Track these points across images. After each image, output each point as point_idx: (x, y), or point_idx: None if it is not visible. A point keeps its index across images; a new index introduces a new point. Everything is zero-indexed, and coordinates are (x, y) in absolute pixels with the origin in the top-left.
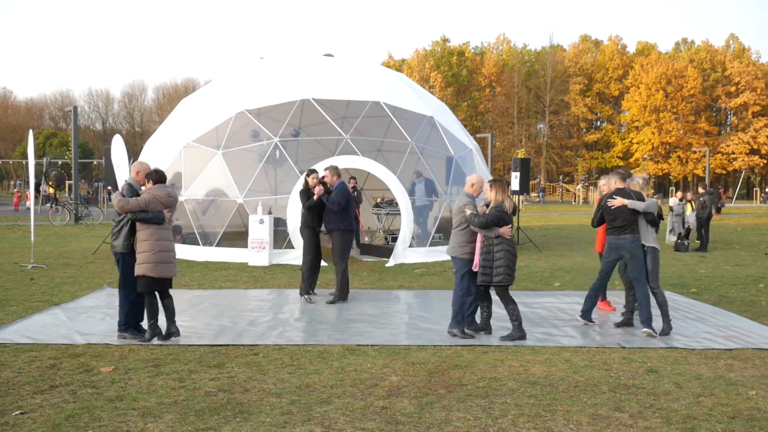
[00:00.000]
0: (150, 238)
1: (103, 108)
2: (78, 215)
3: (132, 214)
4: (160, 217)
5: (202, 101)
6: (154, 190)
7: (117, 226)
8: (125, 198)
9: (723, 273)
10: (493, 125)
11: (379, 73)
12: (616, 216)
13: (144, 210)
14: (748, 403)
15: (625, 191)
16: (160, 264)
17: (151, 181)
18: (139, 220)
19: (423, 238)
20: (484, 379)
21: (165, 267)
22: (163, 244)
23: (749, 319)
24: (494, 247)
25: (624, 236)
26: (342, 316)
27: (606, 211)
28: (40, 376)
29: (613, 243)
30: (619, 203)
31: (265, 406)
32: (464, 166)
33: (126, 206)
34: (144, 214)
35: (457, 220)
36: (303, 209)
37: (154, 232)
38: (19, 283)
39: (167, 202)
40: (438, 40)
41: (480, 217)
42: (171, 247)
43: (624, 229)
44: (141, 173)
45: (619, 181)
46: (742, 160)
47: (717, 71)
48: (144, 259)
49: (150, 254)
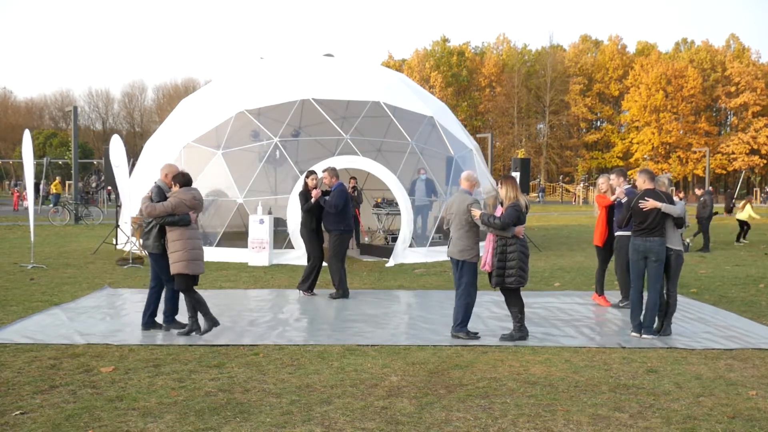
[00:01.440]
0: (181, 238)
1: (103, 108)
2: (78, 215)
3: (160, 218)
4: (186, 219)
5: (202, 101)
6: (180, 193)
7: (147, 227)
8: (152, 204)
9: (723, 273)
10: (493, 125)
11: (379, 73)
12: (645, 218)
13: (171, 214)
14: (748, 403)
15: (655, 192)
16: (193, 261)
17: (178, 184)
18: (167, 223)
19: (422, 238)
20: (484, 379)
21: (197, 264)
22: (194, 243)
23: (749, 319)
24: (508, 247)
25: (653, 239)
26: (342, 316)
27: (636, 212)
28: (40, 376)
29: (640, 245)
30: (651, 206)
31: (265, 406)
32: (464, 166)
33: (153, 212)
34: (171, 217)
35: (462, 220)
36: (302, 211)
37: (183, 232)
38: (19, 283)
39: (193, 204)
40: (438, 40)
41: (497, 218)
42: (200, 245)
43: (653, 231)
44: (169, 176)
45: (648, 180)
46: (742, 160)
47: (717, 71)
48: (178, 258)
49: (182, 253)
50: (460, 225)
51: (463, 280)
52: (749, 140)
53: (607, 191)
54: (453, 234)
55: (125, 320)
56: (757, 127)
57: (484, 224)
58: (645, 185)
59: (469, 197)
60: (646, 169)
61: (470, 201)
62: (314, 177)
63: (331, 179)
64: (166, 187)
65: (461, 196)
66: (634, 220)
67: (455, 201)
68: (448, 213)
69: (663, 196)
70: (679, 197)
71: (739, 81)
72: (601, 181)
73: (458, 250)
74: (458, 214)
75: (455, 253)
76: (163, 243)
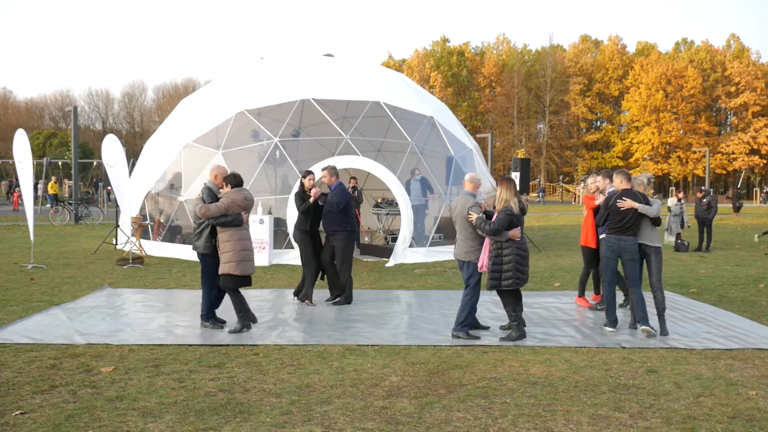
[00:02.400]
0: (231, 239)
1: (103, 108)
2: (78, 215)
3: (213, 219)
4: (239, 219)
5: (202, 101)
6: (233, 194)
7: (198, 228)
8: (206, 205)
9: (723, 273)
10: (493, 125)
11: (379, 73)
12: (622, 217)
13: (224, 214)
14: (748, 403)
15: (632, 192)
16: (243, 262)
17: (229, 185)
18: (220, 224)
19: (420, 238)
20: (484, 379)
21: (247, 265)
22: (244, 244)
23: (749, 319)
24: (503, 250)
25: (626, 237)
26: (342, 316)
27: (613, 211)
28: (40, 376)
29: (614, 243)
30: (629, 205)
31: (265, 406)
32: (464, 166)
33: (208, 213)
34: (224, 218)
35: (465, 222)
36: (298, 212)
37: (234, 233)
38: (19, 283)
39: (245, 205)
40: (438, 40)
41: (489, 224)
42: (251, 246)
43: (628, 230)
44: (219, 177)
45: (626, 181)
46: (742, 160)
47: (717, 71)
48: (228, 259)
49: (233, 254)
50: (464, 227)
51: (469, 281)
52: (749, 140)
53: (596, 192)
54: (458, 235)
55: (125, 320)
56: (757, 127)
57: (478, 229)
58: (622, 185)
59: (471, 200)
60: (622, 169)
61: (471, 204)
62: (311, 177)
63: (330, 178)
64: (216, 188)
65: (464, 199)
66: (611, 219)
67: (459, 203)
68: (452, 215)
69: (640, 196)
70: (678, 197)
71: (739, 81)
72: (590, 181)
73: (463, 251)
74: (461, 216)
75: (461, 254)
76: (214, 243)
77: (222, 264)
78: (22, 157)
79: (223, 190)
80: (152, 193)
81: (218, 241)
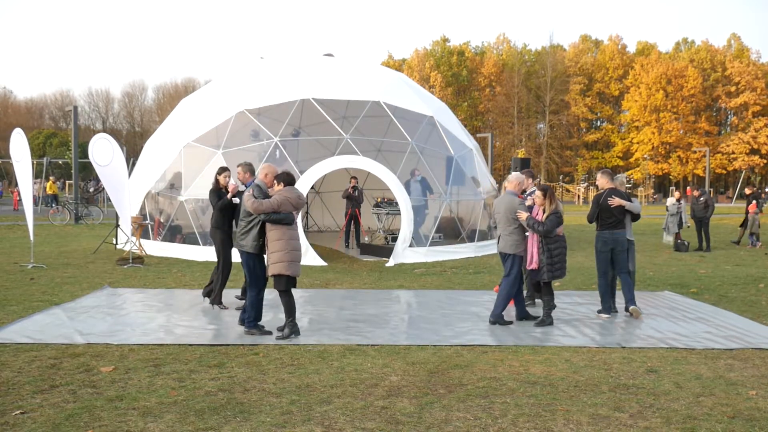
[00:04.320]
0: (282, 238)
1: (103, 108)
2: (78, 215)
3: (265, 215)
4: (290, 218)
5: (202, 101)
6: (285, 192)
7: (247, 226)
8: (258, 200)
9: (723, 273)
10: (493, 125)
11: (379, 73)
12: (612, 213)
13: (276, 211)
14: (748, 403)
15: (618, 191)
16: (294, 263)
17: (282, 183)
18: (271, 220)
19: (420, 238)
20: (484, 379)
21: (297, 265)
22: (295, 244)
23: (749, 319)
24: (551, 245)
25: (619, 231)
26: (342, 316)
27: (604, 208)
28: (40, 376)
29: (609, 238)
30: (618, 203)
31: (265, 406)
32: (464, 166)
33: (260, 207)
34: (276, 215)
35: (509, 219)
36: (214, 210)
37: (285, 232)
38: (19, 283)
39: (297, 203)
40: (438, 40)
41: (542, 224)
42: (299, 247)
43: (618, 225)
44: (269, 176)
45: (611, 181)
46: (742, 160)
47: (717, 71)
48: (278, 258)
49: (284, 253)
50: (509, 223)
51: (511, 272)
52: (749, 140)
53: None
54: (501, 231)
55: (125, 320)
56: (757, 126)
57: (529, 227)
58: (608, 185)
59: (516, 199)
60: (606, 170)
61: (517, 203)
62: (227, 174)
63: (245, 175)
64: (265, 186)
65: (508, 198)
66: (604, 216)
67: (503, 202)
68: (496, 213)
69: (624, 194)
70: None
71: (739, 81)
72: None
73: (509, 244)
74: (506, 213)
75: (506, 247)
76: (262, 242)
77: (272, 264)
78: (21, 157)
79: (275, 188)
80: (152, 193)
81: (267, 240)
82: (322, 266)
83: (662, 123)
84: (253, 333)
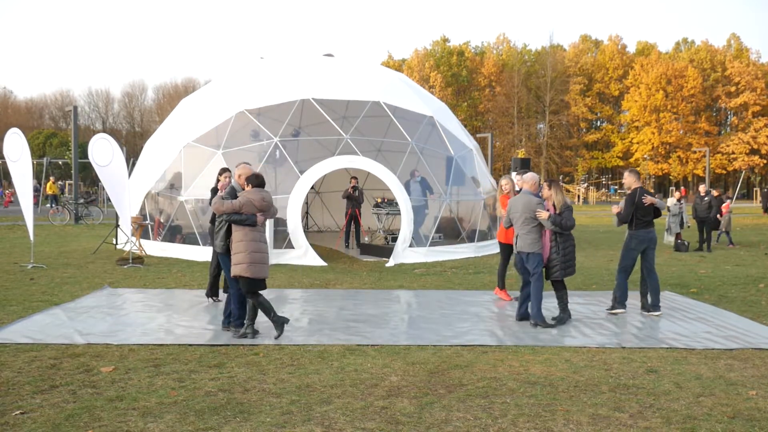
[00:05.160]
0: (244, 239)
1: (103, 108)
2: (78, 215)
3: (227, 216)
4: (252, 219)
5: (202, 101)
6: (250, 193)
7: (217, 226)
8: (222, 201)
9: (723, 273)
10: (493, 125)
11: (379, 73)
12: (648, 212)
13: (237, 212)
14: (748, 403)
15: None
16: (254, 264)
17: (250, 185)
18: (233, 221)
19: (420, 238)
20: (484, 379)
21: (259, 267)
22: (257, 245)
23: (749, 319)
24: (564, 243)
25: (651, 229)
26: (342, 316)
27: (639, 207)
28: (40, 376)
29: (644, 236)
30: (650, 201)
31: (265, 406)
32: (464, 166)
33: (220, 208)
34: (237, 216)
35: (528, 219)
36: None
37: (248, 233)
38: (19, 283)
39: (261, 205)
40: (438, 40)
41: (566, 220)
42: (264, 248)
43: (650, 223)
44: (242, 176)
45: (637, 180)
46: (742, 160)
47: (717, 71)
48: (239, 260)
49: (244, 255)
50: (527, 222)
51: (536, 270)
52: (749, 140)
53: (510, 192)
54: (519, 231)
55: (125, 320)
56: (757, 127)
57: (554, 224)
58: (636, 184)
59: (534, 199)
60: (633, 168)
61: (536, 203)
62: (227, 174)
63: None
64: (239, 188)
65: (527, 198)
66: (640, 215)
67: (520, 201)
68: (513, 212)
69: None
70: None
71: (739, 81)
72: (504, 182)
73: (528, 243)
74: (524, 212)
75: (525, 246)
76: (227, 243)
77: (233, 265)
78: (18, 156)
79: (245, 189)
80: (152, 193)
81: (231, 240)
82: (322, 266)
83: (662, 123)
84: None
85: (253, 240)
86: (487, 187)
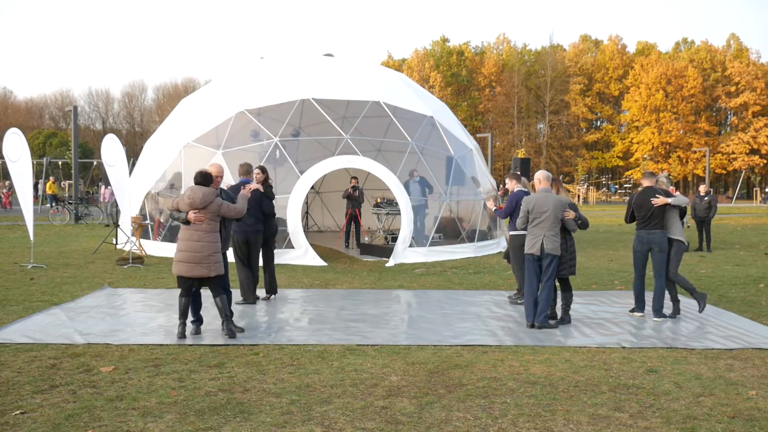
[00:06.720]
0: (178, 237)
1: (103, 108)
2: (78, 215)
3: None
4: (182, 217)
5: (202, 101)
6: (187, 190)
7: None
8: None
9: (723, 273)
10: (493, 125)
11: (379, 73)
12: (646, 212)
13: (176, 209)
14: (748, 403)
15: (654, 189)
16: (180, 263)
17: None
18: (172, 218)
19: (420, 238)
20: (484, 379)
21: (180, 266)
22: (184, 244)
23: (749, 319)
24: (570, 241)
25: (655, 231)
26: (342, 316)
27: (637, 207)
28: (40, 376)
29: (645, 237)
30: (662, 202)
31: (265, 406)
32: (464, 166)
33: (166, 205)
34: (177, 213)
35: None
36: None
37: (182, 231)
38: (19, 283)
39: (190, 203)
40: (438, 40)
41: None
42: (194, 248)
43: (655, 224)
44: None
45: (648, 180)
46: (742, 160)
47: (717, 71)
48: (174, 258)
49: (175, 252)
50: (556, 223)
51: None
52: (749, 140)
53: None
54: (547, 232)
55: (125, 320)
56: (757, 126)
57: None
58: (646, 184)
59: (564, 198)
60: (648, 172)
61: (566, 202)
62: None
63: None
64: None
65: (556, 197)
66: (638, 215)
67: (550, 201)
68: (538, 212)
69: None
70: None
71: (739, 81)
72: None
73: (556, 246)
74: (555, 212)
75: (553, 249)
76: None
77: None
78: (18, 156)
79: None
80: (152, 193)
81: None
82: (322, 266)
83: (662, 123)
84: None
85: (182, 239)
86: (487, 187)
